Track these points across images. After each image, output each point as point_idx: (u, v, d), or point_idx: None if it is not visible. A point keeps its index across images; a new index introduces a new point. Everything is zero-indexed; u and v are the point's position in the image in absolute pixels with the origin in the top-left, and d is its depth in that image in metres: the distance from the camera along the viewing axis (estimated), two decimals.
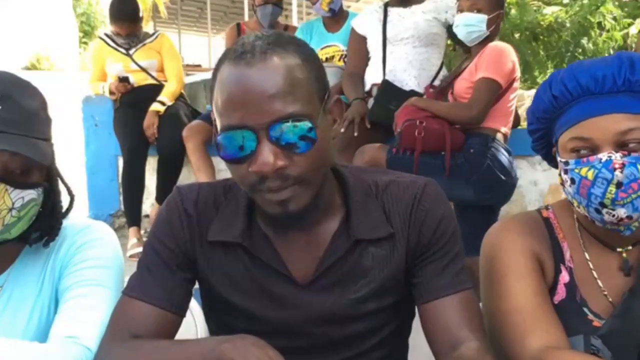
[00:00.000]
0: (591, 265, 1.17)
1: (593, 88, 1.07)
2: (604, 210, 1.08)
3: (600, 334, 1.10)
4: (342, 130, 2.95)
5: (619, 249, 1.16)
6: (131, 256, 3.33)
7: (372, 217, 1.08)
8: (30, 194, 1.15)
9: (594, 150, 1.06)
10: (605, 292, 1.15)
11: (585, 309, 1.14)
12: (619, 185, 1.04)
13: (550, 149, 1.19)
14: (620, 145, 1.05)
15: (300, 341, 1.09)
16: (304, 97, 0.96)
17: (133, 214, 3.59)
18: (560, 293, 1.16)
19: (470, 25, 2.70)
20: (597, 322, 1.12)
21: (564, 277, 1.16)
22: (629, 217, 1.07)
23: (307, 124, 0.94)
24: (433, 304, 1.06)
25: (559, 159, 1.14)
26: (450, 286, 1.06)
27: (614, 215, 1.07)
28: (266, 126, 0.93)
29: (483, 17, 2.69)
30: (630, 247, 1.16)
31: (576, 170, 1.08)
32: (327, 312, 1.08)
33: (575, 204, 1.13)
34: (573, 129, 1.09)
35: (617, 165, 1.03)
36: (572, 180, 1.10)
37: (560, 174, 1.15)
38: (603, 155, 1.05)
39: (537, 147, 1.23)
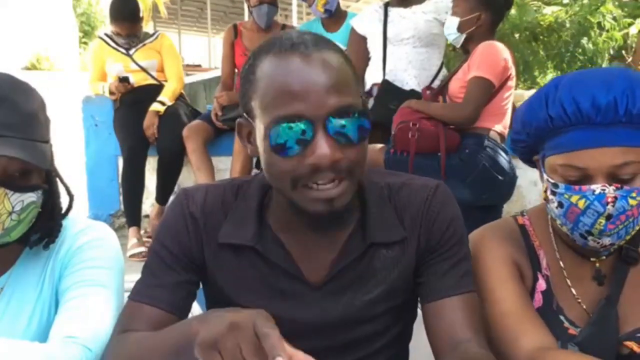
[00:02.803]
0: (565, 274, 1.18)
1: (594, 118, 1.03)
2: (590, 238, 1.08)
3: (577, 341, 1.11)
4: None
5: (592, 259, 1.17)
6: (131, 256, 3.33)
7: (387, 221, 1.08)
8: (30, 197, 1.15)
9: (586, 179, 1.05)
10: (580, 300, 1.16)
11: (562, 317, 1.15)
12: (608, 217, 1.04)
13: (531, 155, 1.18)
14: (614, 176, 1.03)
15: (308, 344, 1.08)
16: (355, 92, 0.97)
17: (133, 214, 3.59)
18: (537, 300, 1.16)
19: (447, 27, 2.81)
20: (572, 330, 1.13)
21: (541, 284, 1.17)
22: (612, 244, 1.09)
23: (362, 116, 0.95)
24: (437, 303, 1.07)
25: (545, 176, 1.12)
26: (454, 287, 1.07)
27: (598, 243, 1.08)
28: (324, 117, 0.92)
29: (455, 20, 2.75)
30: (604, 257, 1.17)
31: (566, 196, 1.07)
32: (339, 315, 1.08)
33: (559, 222, 1.13)
34: (566, 155, 1.06)
35: (609, 199, 1.03)
36: (560, 204, 1.09)
37: (545, 190, 1.13)
38: (596, 188, 1.03)
39: (517, 150, 1.20)
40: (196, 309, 1.36)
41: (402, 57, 3.12)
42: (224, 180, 1.17)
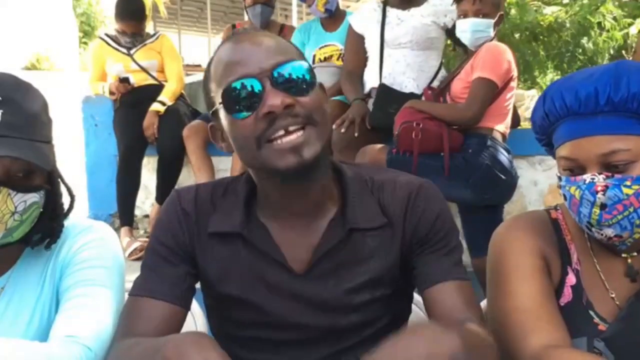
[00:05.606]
0: (599, 268, 1.17)
1: (576, 108, 1.07)
2: (593, 229, 1.09)
3: (604, 337, 1.10)
4: (343, 130, 2.95)
5: (624, 255, 1.16)
6: (129, 255, 3.33)
7: (368, 208, 1.11)
8: (33, 197, 1.15)
9: (581, 170, 1.07)
10: (613, 296, 1.15)
11: (592, 312, 1.14)
12: (602, 207, 1.05)
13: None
14: (607, 165, 1.04)
15: (295, 333, 1.11)
16: (298, 56, 1.06)
17: (125, 214, 3.58)
18: (567, 295, 1.16)
19: (479, 30, 2.72)
20: (602, 326, 1.12)
21: (571, 279, 1.16)
22: (618, 236, 1.08)
23: (305, 65, 1.03)
24: (434, 288, 1.08)
25: (556, 171, 1.15)
26: (449, 272, 1.09)
27: (602, 234, 1.09)
28: (269, 73, 1.00)
29: (490, 22, 2.72)
30: (635, 253, 1.16)
31: (567, 188, 1.09)
32: (322, 302, 1.10)
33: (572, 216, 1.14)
34: (562, 147, 1.09)
35: (599, 188, 1.04)
36: (565, 197, 1.11)
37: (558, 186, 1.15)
38: (587, 177, 1.05)
39: (546, 150, 1.23)
40: (195, 308, 1.36)
41: (400, 60, 3.10)
42: (217, 180, 1.22)
